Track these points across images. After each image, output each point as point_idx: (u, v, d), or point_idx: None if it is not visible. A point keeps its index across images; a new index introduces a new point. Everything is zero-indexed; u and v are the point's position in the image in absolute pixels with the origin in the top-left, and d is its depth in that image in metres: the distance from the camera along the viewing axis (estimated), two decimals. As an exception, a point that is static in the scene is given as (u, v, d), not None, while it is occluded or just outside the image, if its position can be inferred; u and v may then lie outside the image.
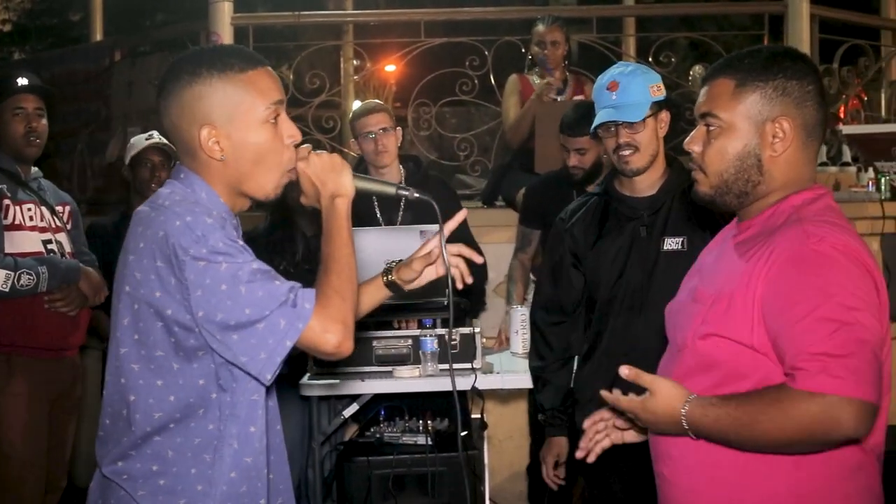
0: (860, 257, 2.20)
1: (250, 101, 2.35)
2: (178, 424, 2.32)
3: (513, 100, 6.43)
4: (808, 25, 7.16)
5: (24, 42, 15.54)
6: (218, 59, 2.37)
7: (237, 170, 2.38)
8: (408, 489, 4.51)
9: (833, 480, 2.26)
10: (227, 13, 7.01)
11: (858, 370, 2.08)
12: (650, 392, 2.29)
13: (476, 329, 4.52)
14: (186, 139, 2.37)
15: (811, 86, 2.33)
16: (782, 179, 2.34)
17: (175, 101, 2.36)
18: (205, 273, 2.19)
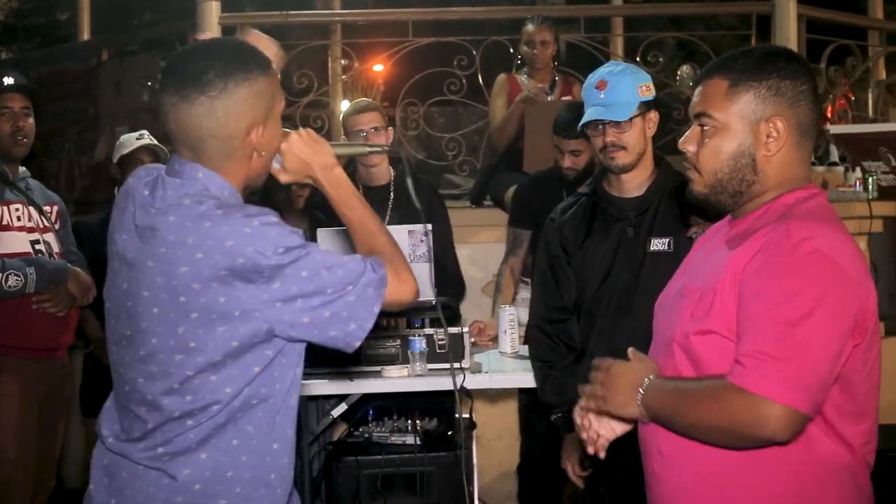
0: (842, 259, 2.19)
1: (280, 98, 2.43)
2: (237, 415, 2.34)
3: (500, 100, 6.43)
4: (795, 25, 7.18)
5: (12, 41, 15.51)
6: (259, 57, 2.40)
7: (262, 163, 2.43)
8: (396, 489, 4.51)
9: (821, 480, 2.26)
10: (214, 13, 7.00)
11: (793, 376, 2.09)
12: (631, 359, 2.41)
13: (464, 329, 4.52)
14: (229, 134, 2.33)
15: (805, 86, 2.34)
16: (776, 179, 2.35)
17: (228, 99, 2.31)
18: (284, 270, 2.23)
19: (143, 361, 2.34)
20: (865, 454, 2.32)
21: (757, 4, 7.70)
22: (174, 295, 2.26)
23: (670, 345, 2.41)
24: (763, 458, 2.24)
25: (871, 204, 6.30)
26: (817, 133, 2.40)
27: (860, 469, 2.31)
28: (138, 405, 2.37)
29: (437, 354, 4.48)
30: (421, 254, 4.53)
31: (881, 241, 6.48)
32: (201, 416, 2.31)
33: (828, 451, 2.25)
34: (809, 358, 2.11)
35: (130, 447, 2.38)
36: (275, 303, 2.24)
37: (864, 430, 2.30)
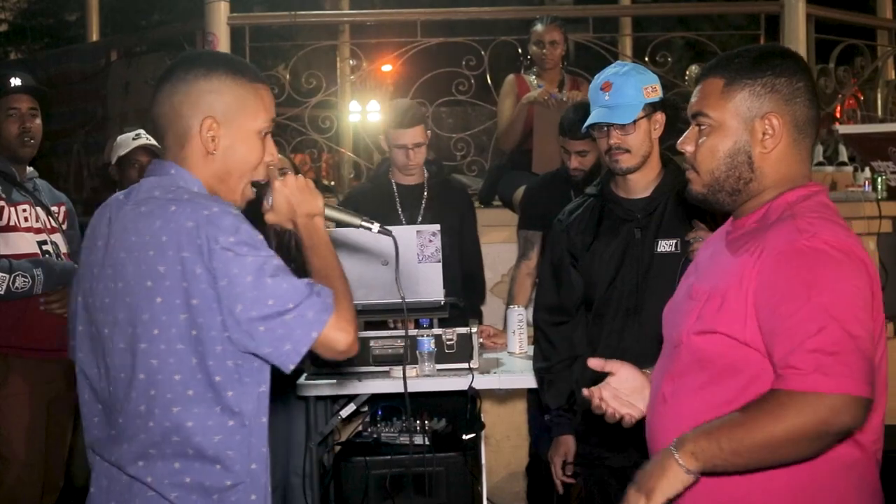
0: (853, 252, 2.20)
1: (254, 110, 2.47)
2: (195, 421, 2.33)
3: (509, 101, 6.43)
4: (804, 25, 7.17)
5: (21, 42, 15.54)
6: (234, 64, 2.50)
7: (219, 168, 2.45)
8: (405, 489, 4.51)
9: (832, 478, 2.26)
10: (223, 13, 7.00)
11: (851, 366, 2.09)
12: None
13: (473, 329, 4.52)
14: (182, 126, 2.43)
15: (801, 83, 2.34)
16: (774, 177, 2.35)
17: (183, 88, 2.43)
18: (231, 264, 2.24)
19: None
20: (875, 451, 2.32)
21: (765, 4, 7.69)
22: (142, 280, 2.30)
23: (677, 346, 2.40)
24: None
25: (881, 204, 6.28)
26: (817, 131, 2.39)
27: (870, 466, 2.31)
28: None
29: (445, 354, 4.48)
30: (430, 254, 4.53)
31: (890, 241, 6.46)
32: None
33: (836, 448, 2.23)
34: (857, 345, 2.11)
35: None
36: (221, 300, 2.25)
37: (873, 427, 2.28)
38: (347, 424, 5.13)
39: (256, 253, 2.26)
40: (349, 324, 2.32)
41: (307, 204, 2.49)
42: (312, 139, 7.42)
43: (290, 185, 2.49)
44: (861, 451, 2.28)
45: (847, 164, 7.43)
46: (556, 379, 3.90)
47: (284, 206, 2.49)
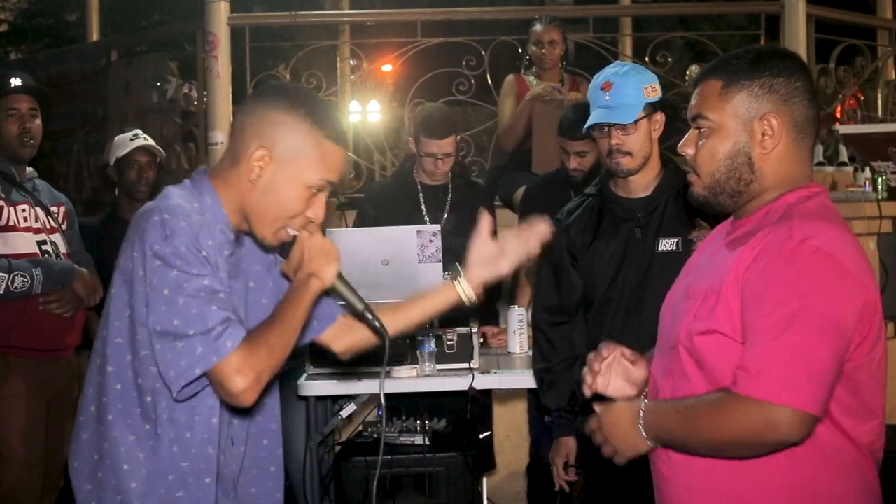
0: (845, 257, 2.19)
1: (313, 164, 2.42)
2: (116, 417, 2.38)
3: (509, 101, 6.43)
4: (804, 25, 7.17)
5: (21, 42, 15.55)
6: (320, 112, 2.45)
7: (255, 200, 2.43)
8: (405, 489, 4.51)
9: (831, 477, 2.26)
10: (223, 13, 7.00)
11: (797, 378, 2.10)
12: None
13: (473, 329, 4.52)
14: (240, 145, 2.43)
15: (799, 82, 2.34)
16: (775, 177, 2.35)
17: (261, 110, 2.43)
18: (156, 273, 2.26)
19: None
20: (873, 451, 2.32)
21: (766, 4, 7.69)
22: (115, 273, 2.38)
23: (676, 346, 2.40)
24: (770, 457, 2.24)
25: (881, 204, 6.28)
26: (817, 130, 2.39)
27: (868, 466, 2.31)
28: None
29: (446, 355, 4.48)
30: (430, 254, 4.52)
31: (890, 242, 6.46)
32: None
33: (834, 448, 2.25)
34: (811, 358, 2.11)
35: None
36: (146, 303, 2.28)
37: (872, 429, 2.29)
38: (348, 424, 5.13)
39: (185, 268, 2.26)
40: (251, 371, 2.27)
41: (317, 264, 2.44)
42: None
43: (314, 241, 2.45)
44: (858, 452, 2.28)
45: (847, 164, 7.43)
46: (557, 380, 3.90)
47: (298, 257, 2.45)
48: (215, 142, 6.85)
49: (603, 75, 3.69)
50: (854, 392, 2.23)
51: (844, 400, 2.23)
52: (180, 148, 7.51)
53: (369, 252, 4.51)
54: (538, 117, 6.07)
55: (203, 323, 2.24)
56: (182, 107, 7.67)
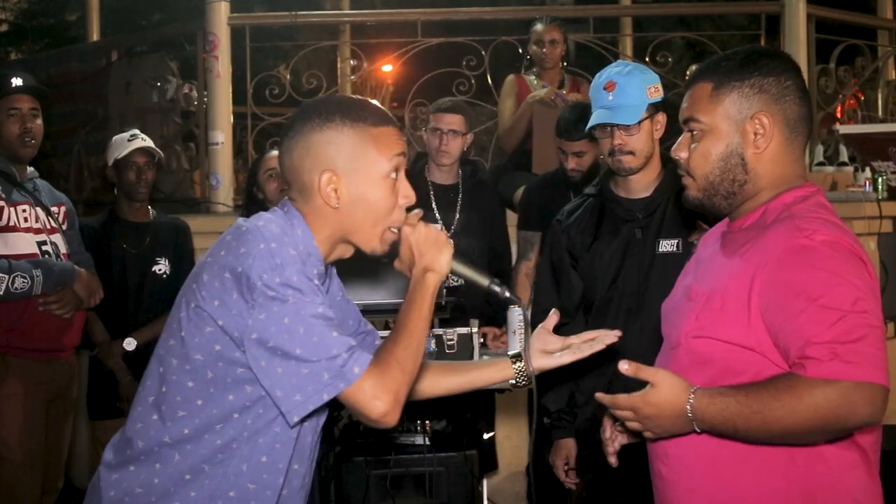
0: (853, 250, 2.21)
1: (376, 155, 2.38)
2: (193, 432, 2.34)
3: (509, 101, 6.43)
4: (804, 25, 7.17)
5: (21, 42, 15.54)
6: (353, 109, 2.41)
7: (348, 219, 2.40)
8: (405, 489, 4.51)
9: (831, 478, 2.27)
10: (223, 13, 7.00)
11: (869, 355, 2.10)
12: (651, 384, 2.26)
13: (473, 329, 4.52)
14: (305, 181, 2.39)
15: (789, 81, 2.35)
16: (769, 177, 2.36)
17: (302, 142, 2.39)
18: (271, 302, 2.21)
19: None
20: (874, 452, 2.33)
21: (766, 4, 7.69)
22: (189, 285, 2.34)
23: (676, 347, 2.41)
24: (771, 456, 2.25)
25: (881, 204, 6.28)
26: (810, 129, 2.40)
27: (869, 464, 2.32)
28: None
29: (446, 354, 4.48)
30: (431, 254, 4.52)
31: (890, 241, 6.46)
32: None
33: (834, 449, 2.26)
34: (874, 334, 2.12)
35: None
36: (252, 332, 2.23)
37: (873, 427, 2.29)
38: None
39: (300, 297, 2.22)
40: (388, 393, 2.23)
41: (429, 256, 2.41)
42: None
43: (419, 233, 2.42)
44: (859, 449, 2.29)
45: (847, 164, 7.42)
46: (556, 381, 3.89)
47: (408, 253, 2.43)
48: (215, 142, 6.85)
49: (605, 75, 3.68)
50: None
51: None
52: (180, 148, 7.52)
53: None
54: (538, 118, 6.07)
55: (327, 349, 2.20)
56: (182, 107, 7.68)
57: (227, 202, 6.80)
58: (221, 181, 6.81)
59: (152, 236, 5.18)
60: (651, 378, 2.27)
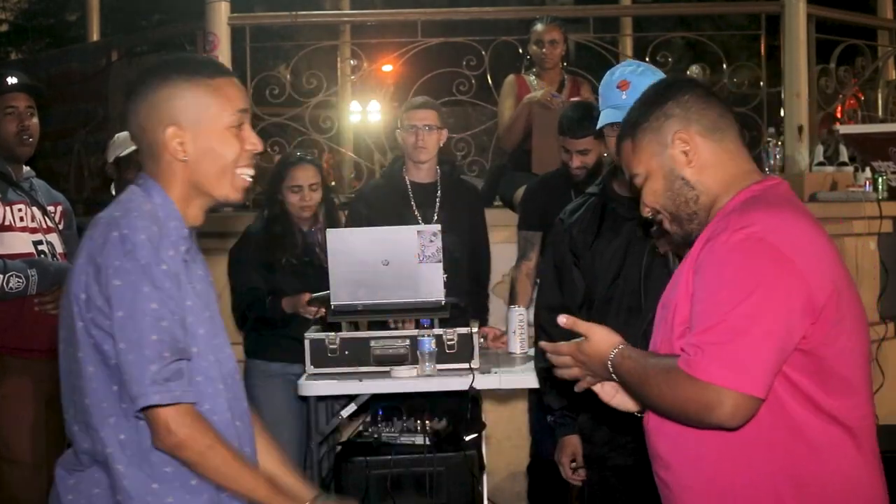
0: (781, 241, 2.24)
1: (218, 106, 2.44)
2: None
3: (509, 101, 6.44)
4: (804, 25, 7.16)
5: (21, 42, 15.54)
6: (188, 64, 2.49)
7: (198, 170, 2.44)
8: (406, 489, 4.51)
9: (813, 455, 2.29)
10: (223, 13, 7.00)
11: (740, 360, 2.16)
12: (586, 336, 2.49)
13: (474, 329, 4.52)
14: (151, 140, 2.44)
15: (686, 95, 2.47)
16: (717, 182, 2.45)
17: (143, 103, 2.44)
18: (120, 291, 2.28)
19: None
20: (863, 427, 2.35)
21: (766, 4, 7.69)
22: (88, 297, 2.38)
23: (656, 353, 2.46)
24: (751, 446, 2.29)
25: (881, 204, 6.29)
26: (734, 124, 2.50)
27: (856, 443, 2.33)
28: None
29: (446, 354, 4.49)
30: (430, 254, 4.52)
31: (890, 241, 6.47)
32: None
33: (818, 431, 2.29)
34: (747, 340, 2.16)
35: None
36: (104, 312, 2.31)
37: (856, 405, 2.33)
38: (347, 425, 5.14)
39: (148, 289, 2.28)
40: (186, 436, 2.32)
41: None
42: (313, 139, 7.41)
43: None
44: (845, 431, 2.31)
45: (847, 164, 7.42)
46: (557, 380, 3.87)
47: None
48: (215, 141, 6.84)
49: (619, 73, 3.68)
50: (825, 370, 2.28)
51: (817, 379, 2.27)
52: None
53: (369, 252, 4.51)
54: (538, 118, 6.07)
55: (160, 358, 2.27)
56: (182, 107, 7.66)
57: (228, 202, 6.79)
58: (221, 181, 6.80)
59: None
60: (585, 331, 2.50)
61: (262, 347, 5.14)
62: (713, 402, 2.16)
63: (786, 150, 6.90)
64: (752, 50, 11.01)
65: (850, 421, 2.31)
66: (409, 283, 4.51)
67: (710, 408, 2.17)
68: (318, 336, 4.54)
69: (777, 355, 2.20)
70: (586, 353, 2.49)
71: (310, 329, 4.68)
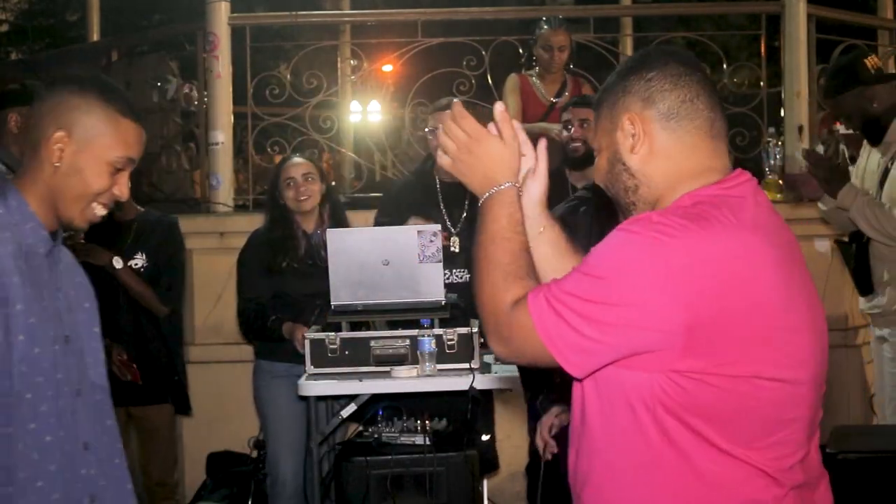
0: (677, 252, 2.01)
1: (112, 142, 2.46)
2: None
3: (512, 98, 6.44)
4: (804, 25, 7.16)
5: (22, 42, 15.52)
6: (111, 92, 2.50)
7: (61, 183, 2.44)
8: (406, 489, 4.52)
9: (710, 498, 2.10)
10: (224, 13, 6.99)
11: (559, 326, 2.04)
12: (502, 138, 2.34)
13: (474, 329, 4.52)
14: (37, 134, 2.45)
15: (652, 73, 2.20)
16: (663, 176, 2.21)
17: (53, 98, 2.47)
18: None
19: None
20: (774, 461, 2.10)
21: (766, 4, 7.69)
22: None
23: None
24: (670, 464, 2.09)
25: (882, 204, 6.27)
26: (701, 111, 2.20)
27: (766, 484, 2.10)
28: None
29: (446, 354, 4.49)
30: (430, 254, 4.53)
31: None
32: None
33: (722, 477, 2.08)
34: (573, 313, 2.04)
35: None
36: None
37: (769, 446, 2.10)
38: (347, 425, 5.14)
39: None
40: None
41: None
42: (313, 139, 7.41)
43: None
44: (770, 486, 2.09)
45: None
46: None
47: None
48: (216, 142, 6.84)
49: None
50: (725, 420, 2.06)
51: (713, 424, 2.06)
52: (180, 148, 7.51)
53: (369, 252, 4.52)
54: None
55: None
56: (182, 107, 7.67)
57: (228, 202, 6.80)
58: (222, 181, 6.80)
59: (135, 233, 5.31)
60: (507, 133, 2.34)
61: (269, 348, 5.16)
62: (518, 333, 2.09)
63: (786, 149, 6.89)
64: (752, 50, 11.03)
65: (762, 464, 2.08)
66: (409, 283, 4.51)
67: (509, 330, 2.10)
68: (318, 336, 4.54)
69: (605, 347, 2.05)
70: (483, 152, 2.32)
71: (310, 329, 4.68)
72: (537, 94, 6.48)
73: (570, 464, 2.29)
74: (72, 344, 2.46)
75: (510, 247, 2.21)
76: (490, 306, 2.16)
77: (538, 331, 2.06)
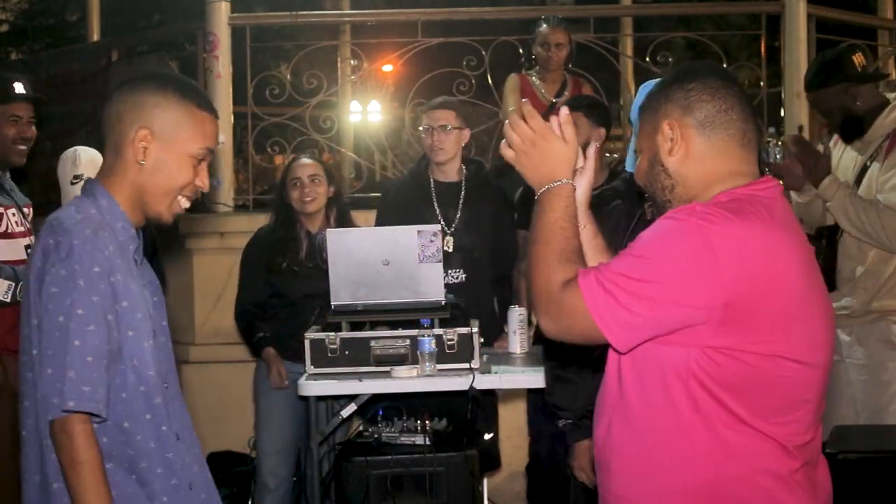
0: (716, 240, 2.23)
1: (192, 135, 2.56)
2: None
3: (513, 97, 6.44)
4: (804, 25, 7.17)
5: (22, 42, 15.51)
6: (187, 87, 2.60)
7: (148, 179, 2.54)
8: (406, 489, 4.52)
9: (741, 476, 2.30)
10: (224, 13, 7.00)
11: (611, 297, 2.24)
12: (564, 139, 2.57)
13: (474, 329, 4.52)
14: (120, 133, 2.54)
15: (692, 83, 2.44)
16: (698, 177, 2.43)
17: (131, 97, 2.56)
18: (52, 299, 2.40)
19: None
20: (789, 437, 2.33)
21: (766, 4, 7.69)
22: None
23: None
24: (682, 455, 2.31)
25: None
26: (736, 122, 2.43)
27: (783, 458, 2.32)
28: None
29: (446, 355, 4.49)
30: (430, 254, 4.53)
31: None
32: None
33: (741, 446, 2.29)
34: (627, 294, 2.24)
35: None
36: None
37: (789, 422, 2.33)
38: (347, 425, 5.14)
39: (78, 296, 2.38)
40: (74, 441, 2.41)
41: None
42: (313, 139, 7.41)
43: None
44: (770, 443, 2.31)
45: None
46: (574, 379, 3.82)
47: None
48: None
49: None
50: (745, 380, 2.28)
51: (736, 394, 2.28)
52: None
53: (369, 252, 4.52)
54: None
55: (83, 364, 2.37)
56: (182, 107, 7.66)
57: (228, 202, 6.80)
58: (222, 181, 6.80)
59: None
60: (568, 134, 2.56)
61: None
62: (568, 311, 2.28)
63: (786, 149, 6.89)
64: (752, 50, 11.03)
65: (775, 434, 2.31)
66: (409, 283, 4.51)
67: (559, 307, 2.30)
68: (319, 336, 4.54)
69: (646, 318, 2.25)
70: (547, 149, 2.58)
71: (310, 329, 4.68)
72: (537, 94, 6.48)
73: (598, 438, 2.51)
74: (157, 338, 2.58)
75: (565, 234, 2.42)
76: (543, 286, 2.35)
77: (588, 307, 2.26)
